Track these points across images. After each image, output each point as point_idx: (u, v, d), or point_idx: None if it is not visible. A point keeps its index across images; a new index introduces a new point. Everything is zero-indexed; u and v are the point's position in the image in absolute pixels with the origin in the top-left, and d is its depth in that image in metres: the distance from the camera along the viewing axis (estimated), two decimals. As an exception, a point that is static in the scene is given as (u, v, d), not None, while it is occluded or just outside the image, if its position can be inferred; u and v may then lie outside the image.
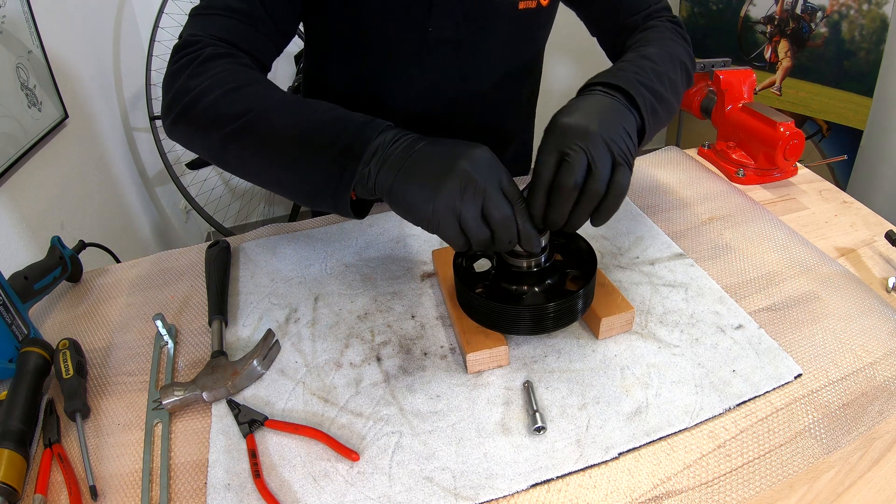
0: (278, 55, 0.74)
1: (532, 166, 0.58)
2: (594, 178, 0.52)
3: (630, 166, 0.55)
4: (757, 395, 0.56)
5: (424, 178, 0.51)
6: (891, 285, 0.68)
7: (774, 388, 0.56)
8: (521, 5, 0.77)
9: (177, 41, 0.66)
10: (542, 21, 0.84)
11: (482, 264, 0.65)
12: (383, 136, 0.54)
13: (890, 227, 0.78)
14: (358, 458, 0.52)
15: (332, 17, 0.78)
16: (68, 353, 0.62)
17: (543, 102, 1.03)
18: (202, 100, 0.60)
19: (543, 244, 0.57)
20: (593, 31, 0.88)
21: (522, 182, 0.92)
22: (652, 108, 0.61)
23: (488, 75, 0.85)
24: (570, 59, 2.56)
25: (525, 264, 0.59)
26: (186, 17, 0.69)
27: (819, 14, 1.96)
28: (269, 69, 0.72)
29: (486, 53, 0.82)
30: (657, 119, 0.62)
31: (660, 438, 0.52)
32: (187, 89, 0.61)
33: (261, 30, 0.68)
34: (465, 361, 0.60)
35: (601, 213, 0.54)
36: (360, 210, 0.59)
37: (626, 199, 0.86)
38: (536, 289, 0.60)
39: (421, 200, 0.51)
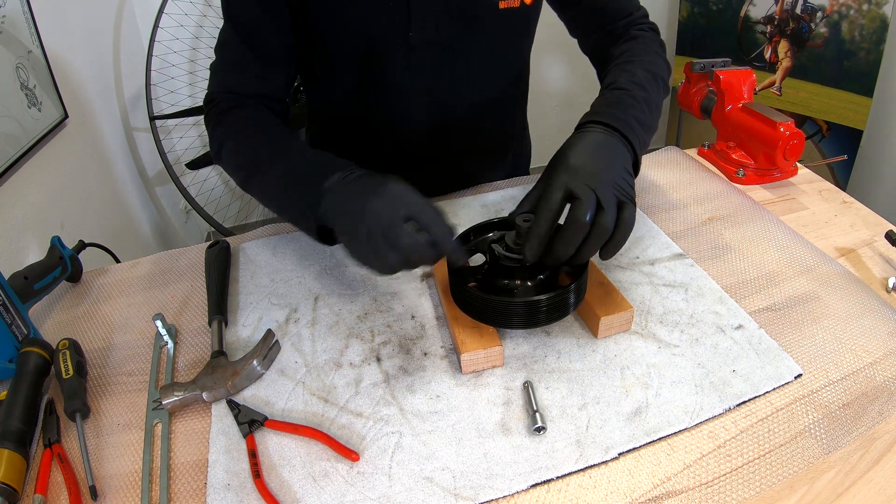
0: (290, 86, 0.84)
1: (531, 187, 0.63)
2: (603, 216, 0.56)
3: (634, 203, 0.60)
4: (757, 395, 0.56)
5: (346, 217, 0.59)
6: (891, 285, 0.68)
7: (774, 388, 0.56)
8: (502, 5, 0.77)
9: (206, 93, 0.81)
10: (526, 22, 0.84)
11: (476, 259, 0.65)
12: (332, 180, 0.62)
13: (890, 227, 0.78)
14: (358, 458, 0.52)
15: (320, 39, 0.79)
16: (68, 353, 0.62)
17: (539, 104, 1.03)
18: (222, 150, 0.76)
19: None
20: (574, 32, 0.90)
21: (523, 182, 0.93)
22: (643, 143, 0.69)
23: (477, 79, 0.85)
24: (564, 60, 2.56)
25: (517, 257, 0.61)
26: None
27: (819, 14, 1.96)
28: (283, 100, 0.83)
29: (472, 56, 0.82)
30: (644, 148, 0.69)
31: (660, 438, 0.52)
32: (213, 140, 0.78)
33: (259, 75, 0.78)
34: (459, 362, 0.60)
35: (609, 247, 0.58)
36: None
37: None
38: (529, 283, 0.61)
39: (345, 240, 0.59)
